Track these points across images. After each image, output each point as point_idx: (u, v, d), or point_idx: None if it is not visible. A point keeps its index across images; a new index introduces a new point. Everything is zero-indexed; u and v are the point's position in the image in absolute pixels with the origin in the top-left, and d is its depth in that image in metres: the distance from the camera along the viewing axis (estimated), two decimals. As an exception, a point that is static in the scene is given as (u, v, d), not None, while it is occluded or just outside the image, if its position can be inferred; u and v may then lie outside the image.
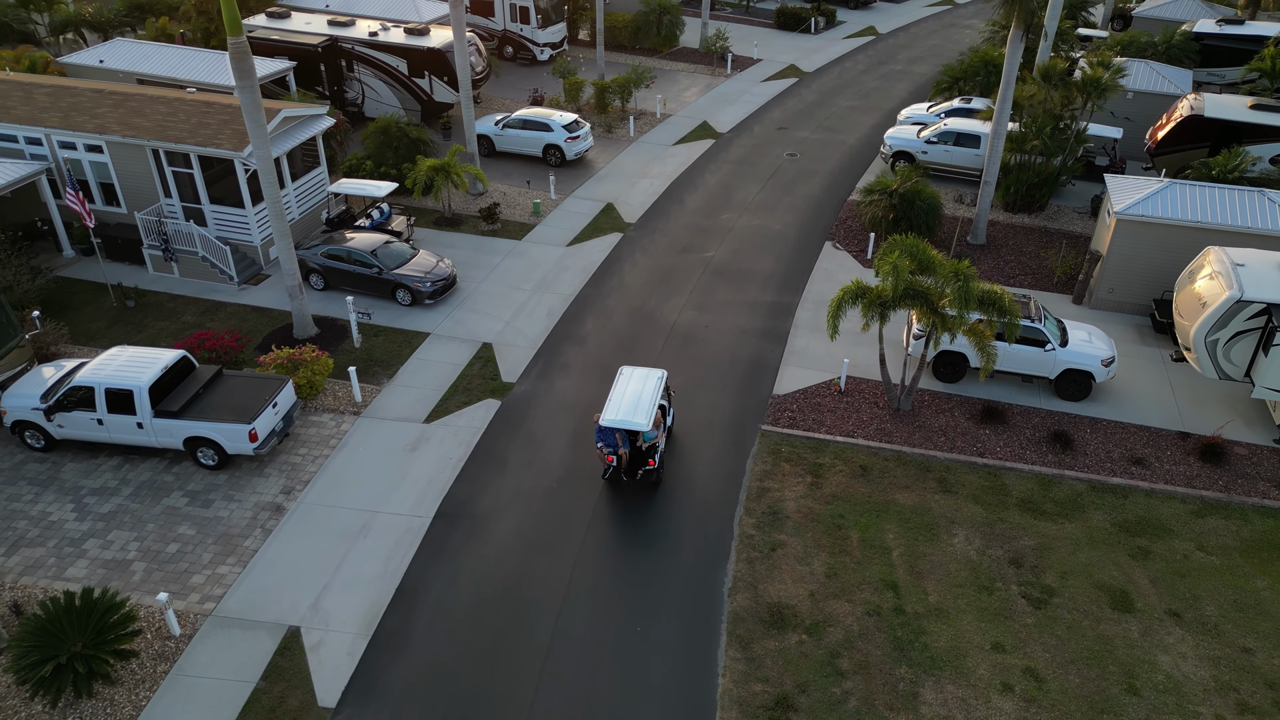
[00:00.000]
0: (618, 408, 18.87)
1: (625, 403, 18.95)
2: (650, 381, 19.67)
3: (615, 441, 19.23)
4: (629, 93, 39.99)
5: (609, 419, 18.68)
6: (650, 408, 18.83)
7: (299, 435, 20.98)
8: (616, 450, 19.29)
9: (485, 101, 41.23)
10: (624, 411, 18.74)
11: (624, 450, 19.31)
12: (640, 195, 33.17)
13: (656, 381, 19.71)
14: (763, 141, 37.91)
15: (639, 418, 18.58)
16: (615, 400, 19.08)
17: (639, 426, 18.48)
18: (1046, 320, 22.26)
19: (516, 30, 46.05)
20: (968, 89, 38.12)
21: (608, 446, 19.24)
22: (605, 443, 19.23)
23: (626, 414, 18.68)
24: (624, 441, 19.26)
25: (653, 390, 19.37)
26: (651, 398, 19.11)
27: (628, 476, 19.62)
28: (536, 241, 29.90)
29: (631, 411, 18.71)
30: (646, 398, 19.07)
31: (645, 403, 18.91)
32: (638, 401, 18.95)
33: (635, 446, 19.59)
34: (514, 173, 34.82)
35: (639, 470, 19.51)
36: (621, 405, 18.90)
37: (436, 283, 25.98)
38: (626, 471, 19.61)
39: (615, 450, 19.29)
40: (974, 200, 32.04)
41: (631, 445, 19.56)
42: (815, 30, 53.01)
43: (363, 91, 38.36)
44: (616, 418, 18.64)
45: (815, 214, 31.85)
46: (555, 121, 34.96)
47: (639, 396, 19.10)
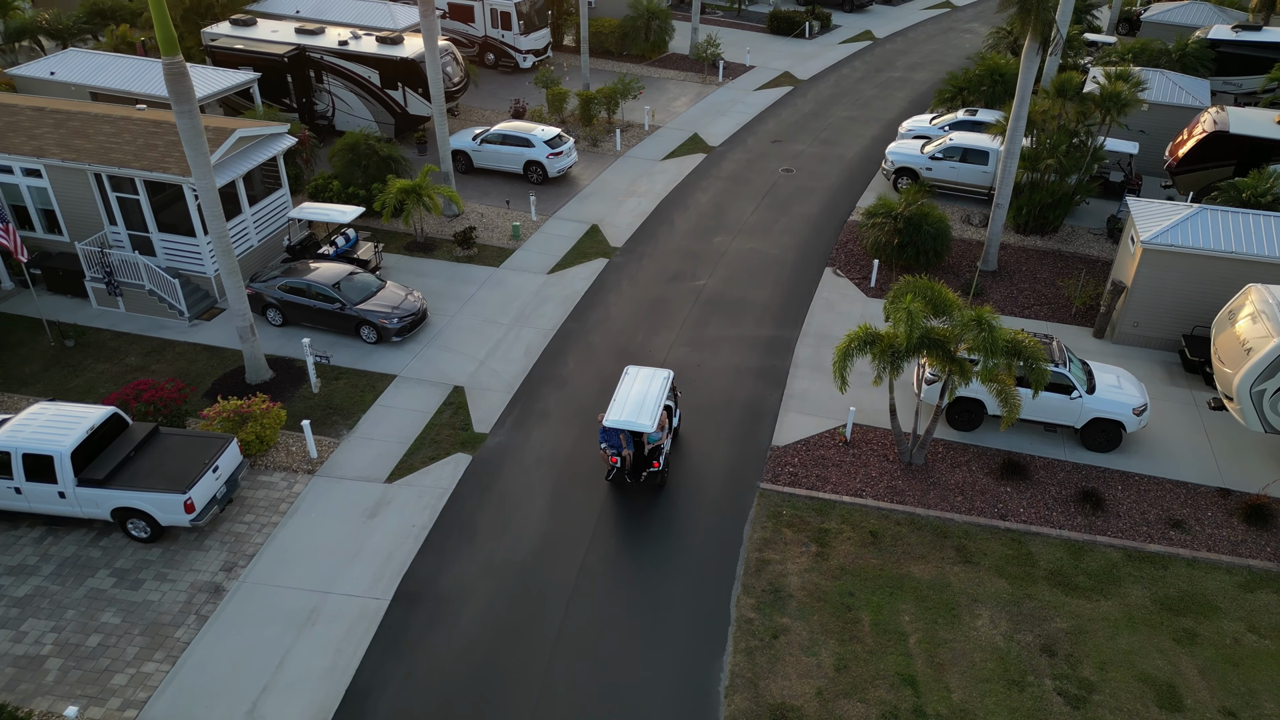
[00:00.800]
0: (622, 408, 18.43)
1: (630, 403, 18.55)
2: (656, 382, 19.22)
3: (619, 442, 18.84)
4: (615, 104, 37.92)
5: (612, 420, 18.19)
6: (655, 409, 18.39)
7: (245, 499, 18.85)
8: (620, 451, 18.89)
9: (464, 113, 39.10)
10: (628, 412, 18.31)
11: (628, 451, 18.89)
12: (627, 216, 31.10)
13: (662, 382, 19.26)
14: (756, 156, 35.88)
15: (643, 419, 18.12)
16: (620, 400, 18.68)
17: (643, 428, 18.00)
18: (1071, 364, 20.30)
19: (498, 37, 43.92)
20: (972, 99, 36.18)
21: (611, 447, 18.88)
22: (609, 444, 18.86)
23: (630, 415, 18.23)
24: (628, 443, 18.83)
25: (658, 391, 18.91)
26: (657, 398, 18.67)
27: (632, 478, 19.13)
28: (515, 268, 27.80)
29: (636, 412, 18.29)
30: (652, 398, 18.64)
31: (650, 404, 18.51)
32: (642, 402, 18.56)
33: (640, 448, 19.05)
34: (493, 191, 32.71)
35: (643, 472, 19.05)
36: (626, 406, 18.49)
37: (404, 319, 23.86)
38: (630, 473, 19.12)
39: (619, 451, 18.89)
40: (983, 221, 30.08)
41: (636, 446, 19.06)
42: (809, 35, 51.03)
43: (333, 104, 36.18)
44: (620, 418, 18.18)
45: (814, 236, 29.83)
46: (537, 136, 32.86)
47: (644, 397, 18.71)
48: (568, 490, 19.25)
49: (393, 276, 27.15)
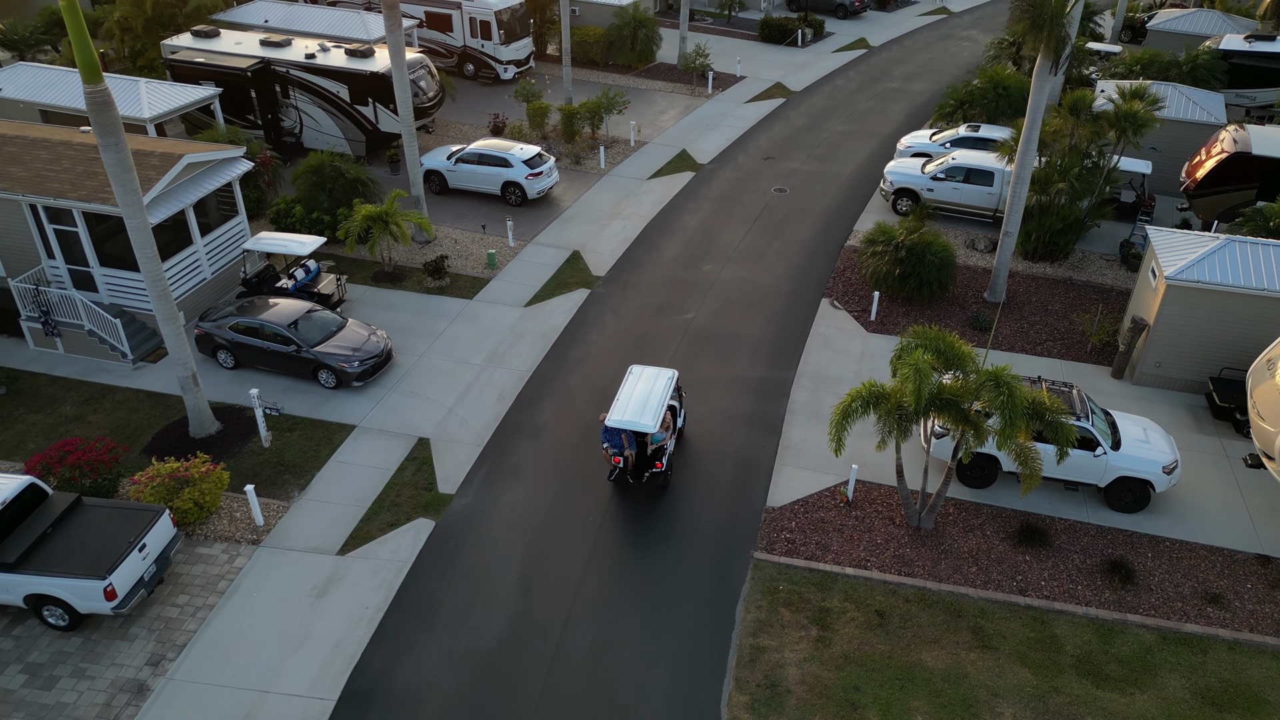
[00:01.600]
0: (624, 408, 18.23)
1: (633, 403, 18.37)
2: (660, 382, 19.06)
3: (621, 443, 18.66)
4: (599, 119, 36.07)
5: (615, 419, 18.01)
6: (658, 409, 18.22)
7: (180, 576, 16.92)
8: (623, 451, 18.69)
9: (440, 128, 37.20)
10: (631, 412, 18.12)
11: (630, 452, 18.71)
12: (611, 241, 29.25)
13: (666, 382, 19.09)
14: (748, 174, 34.07)
15: (646, 419, 17.92)
16: (623, 400, 18.50)
17: (645, 428, 17.84)
18: (1094, 415, 18.53)
19: (477, 47, 42.01)
20: (974, 114, 34.45)
21: (613, 448, 18.72)
22: (611, 444, 18.71)
23: (633, 415, 18.04)
24: (630, 443, 18.66)
25: (662, 391, 18.74)
26: (660, 399, 18.50)
27: (634, 479, 18.93)
28: (490, 301, 25.91)
29: (639, 412, 18.10)
30: (655, 399, 18.47)
31: (653, 404, 18.33)
32: (645, 402, 18.38)
33: (643, 449, 18.94)
34: (468, 214, 30.82)
35: (645, 473, 18.82)
36: (629, 406, 18.31)
37: (366, 361, 21.94)
38: (633, 474, 18.93)
39: (621, 451, 18.69)
40: (989, 246, 28.32)
41: (639, 447, 18.92)
42: (802, 43, 49.25)
43: (300, 120, 34.23)
44: (623, 418, 18.00)
45: (809, 263, 28.02)
46: (515, 156, 30.97)
47: (647, 397, 18.52)
48: (541, 562, 17.38)
49: (358, 309, 25.25)
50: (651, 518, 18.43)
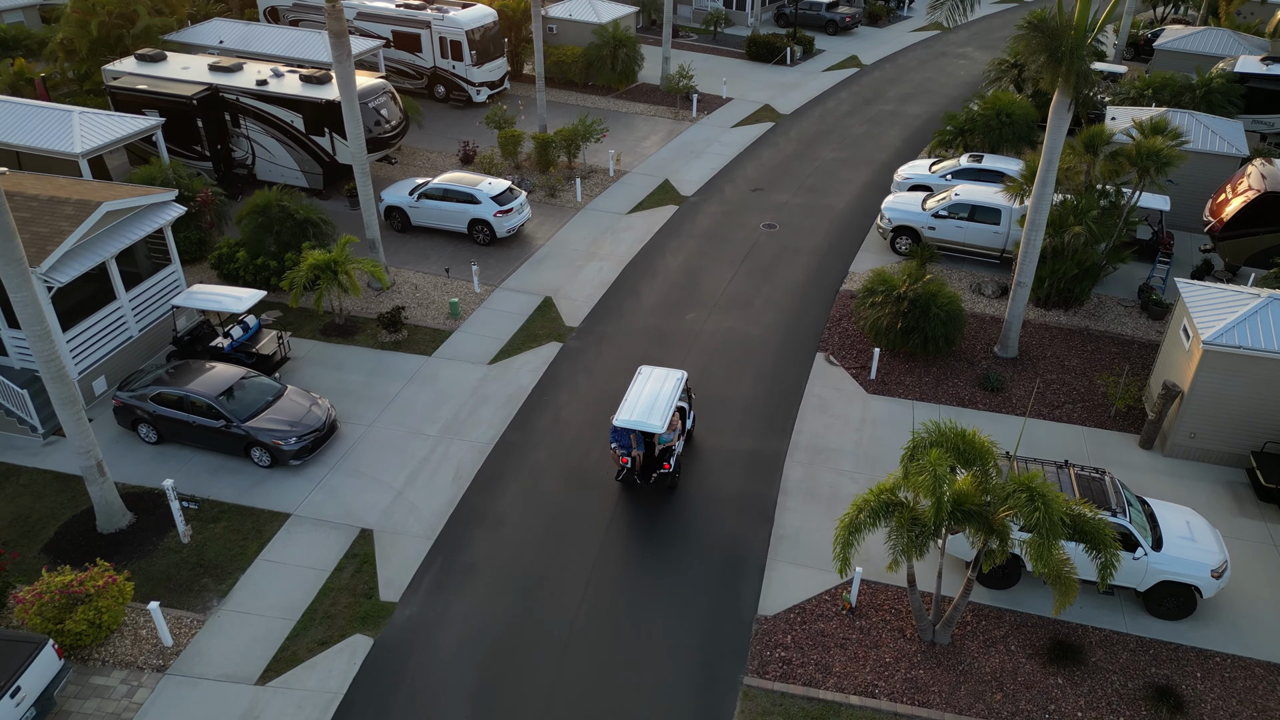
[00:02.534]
0: (633, 408, 18.26)
1: (641, 403, 18.37)
2: (669, 382, 19.03)
3: (629, 443, 18.64)
4: (576, 147, 33.74)
5: (623, 419, 18.01)
6: (667, 410, 18.20)
7: (69, 715, 14.40)
8: (630, 452, 18.62)
9: (406, 157, 34.76)
10: (639, 412, 18.11)
11: (638, 452, 18.66)
12: (586, 285, 26.85)
13: (675, 382, 19.05)
14: (735, 207, 31.76)
15: (654, 419, 17.91)
16: (631, 400, 18.54)
17: (653, 428, 17.80)
18: (1132, 508, 16.24)
19: (448, 68, 39.63)
20: (975, 143, 32.29)
21: (622, 448, 18.64)
22: (619, 443, 18.66)
23: (642, 415, 18.03)
24: (638, 443, 18.68)
25: (671, 391, 18.72)
26: (669, 399, 18.48)
27: (641, 479, 18.88)
28: (451, 357, 23.46)
29: (647, 413, 18.08)
30: (664, 399, 18.45)
31: (662, 404, 18.32)
32: (654, 402, 18.36)
33: (651, 449, 18.99)
34: (432, 254, 28.38)
35: (653, 473, 18.76)
36: (637, 406, 18.32)
37: (306, 437, 19.45)
38: (640, 474, 18.88)
39: (629, 452, 18.62)
40: (997, 291, 26.06)
41: (646, 447, 19.01)
42: (791, 62, 47.08)
43: (252, 151, 31.75)
44: (631, 418, 17.99)
45: (802, 311, 25.69)
46: (483, 191, 28.54)
47: (655, 397, 18.50)
48: (498, 692, 14.91)
49: (303, 369, 22.77)
50: (628, 633, 16.01)
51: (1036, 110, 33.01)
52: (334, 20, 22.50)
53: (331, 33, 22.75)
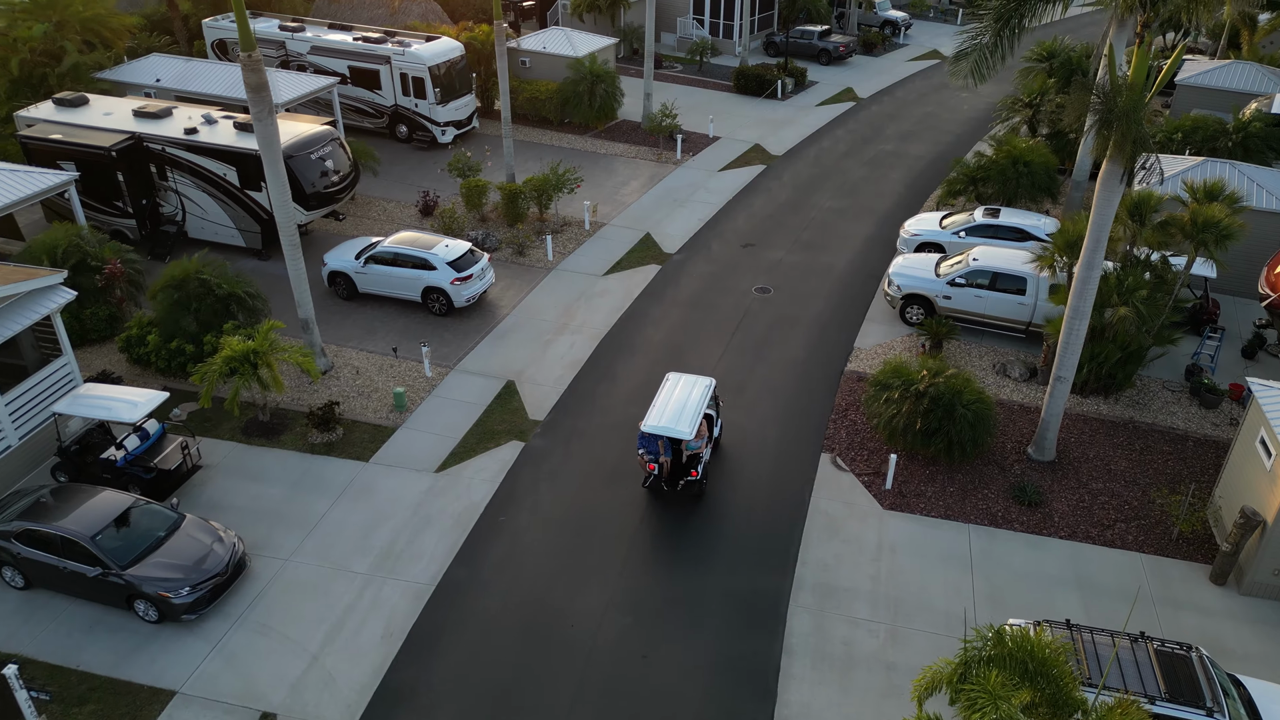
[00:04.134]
0: (661, 414, 18.22)
1: (669, 410, 18.32)
2: (697, 389, 18.97)
3: (657, 449, 18.54)
4: (548, 198, 30.43)
5: (650, 425, 18.00)
6: (695, 417, 18.15)
7: None
8: (658, 458, 18.53)
9: (360, 207, 31.35)
10: (667, 419, 18.10)
11: (665, 459, 18.57)
12: (555, 366, 23.46)
13: (704, 389, 18.99)
14: (724, 267, 28.46)
15: (682, 426, 17.89)
16: (659, 406, 18.47)
17: (681, 435, 17.79)
18: (1230, 699, 12.91)
19: (410, 106, 36.29)
20: (989, 193, 29.14)
21: (649, 454, 18.57)
22: (647, 450, 18.58)
23: (670, 421, 18.02)
24: (666, 449, 18.54)
25: (699, 399, 18.65)
26: (697, 406, 18.43)
27: (668, 486, 18.76)
28: (392, 463, 20.00)
29: (675, 419, 18.04)
30: (692, 406, 18.41)
31: (690, 411, 18.25)
32: (682, 409, 18.30)
33: (678, 456, 18.88)
34: (380, 327, 24.95)
35: (680, 481, 18.58)
36: (665, 412, 18.27)
37: (203, 585, 15.90)
38: (668, 481, 18.75)
39: (657, 458, 18.53)
40: (1025, 372, 22.78)
41: (674, 454, 18.87)
42: (782, 95, 43.94)
43: (182, 206, 28.30)
44: (659, 424, 17.99)
45: (801, 397, 22.35)
46: (439, 256, 25.13)
47: (684, 404, 18.46)
48: None
49: (216, 479, 19.26)
50: None
51: (1055, 156, 29.93)
52: (251, 72, 19.11)
53: (249, 86, 19.34)
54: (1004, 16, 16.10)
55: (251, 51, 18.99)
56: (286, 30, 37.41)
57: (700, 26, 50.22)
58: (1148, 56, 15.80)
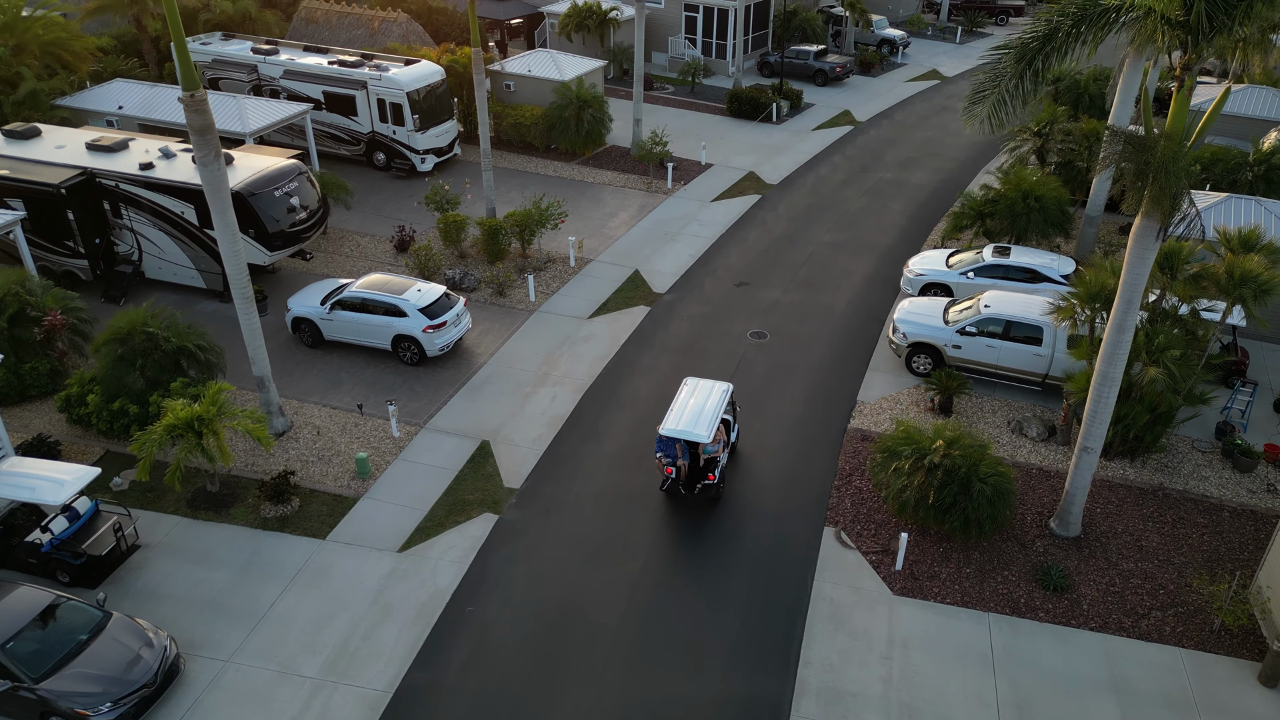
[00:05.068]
0: (679, 418, 18.39)
1: (687, 414, 18.49)
2: (715, 394, 19.15)
3: (675, 453, 18.70)
4: (531, 233, 28.70)
5: (669, 429, 18.16)
6: (712, 420, 18.32)
7: None
8: (676, 462, 18.69)
9: (331, 242, 29.52)
10: (685, 422, 18.25)
11: (683, 462, 18.75)
12: (535, 423, 21.67)
13: (721, 394, 19.18)
14: (717, 308, 26.72)
15: (700, 429, 18.04)
16: (677, 410, 18.65)
17: (699, 438, 17.93)
18: None
19: (387, 133, 34.56)
20: (998, 229, 27.48)
21: (667, 457, 18.73)
22: (665, 453, 18.76)
23: (688, 425, 18.18)
24: (684, 453, 18.74)
25: (716, 403, 18.84)
26: (715, 410, 18.60)
27: (686, 490, 18.82)
28: (350, 540, 18.15)
29: (693, 423, 18.20)
30: (709, 410, 18.58)
31: (708, 415, 18.43)
32: (700, 413, 18.48)
33: (695, 459, 19.01)
34: (346, 379, 23.14)
35: (698, 484, 18.63)
36: (683, 416, 18.43)
37: (127, 699, 14.03)
38: (685, 485, 18.83)
39: (674, 462, 18.70)
40: (1043, 431, 21.02)
41: (692, 457, 19.01)
42: (777, 119, 42.34)
43: (139, 246, 26.50)
44: (677, 428, 18.13)
45: (802, 460, 20.53)
46: (410, 302, 23.33)
47: (701, 408, 18.64)
48: None
49: (155, 560, 17.39)
50: None
51: (1066, 189, 28.31)
52: (195, 113, 17.28)
53: (193, 128, 17.50)
54: (1028, 55, 14.42)
55: (194, 91, 17.21)
56: (259, 53, 35.70)
57: (692, 46, 48.63)
58: (1187, 103, 14.17)
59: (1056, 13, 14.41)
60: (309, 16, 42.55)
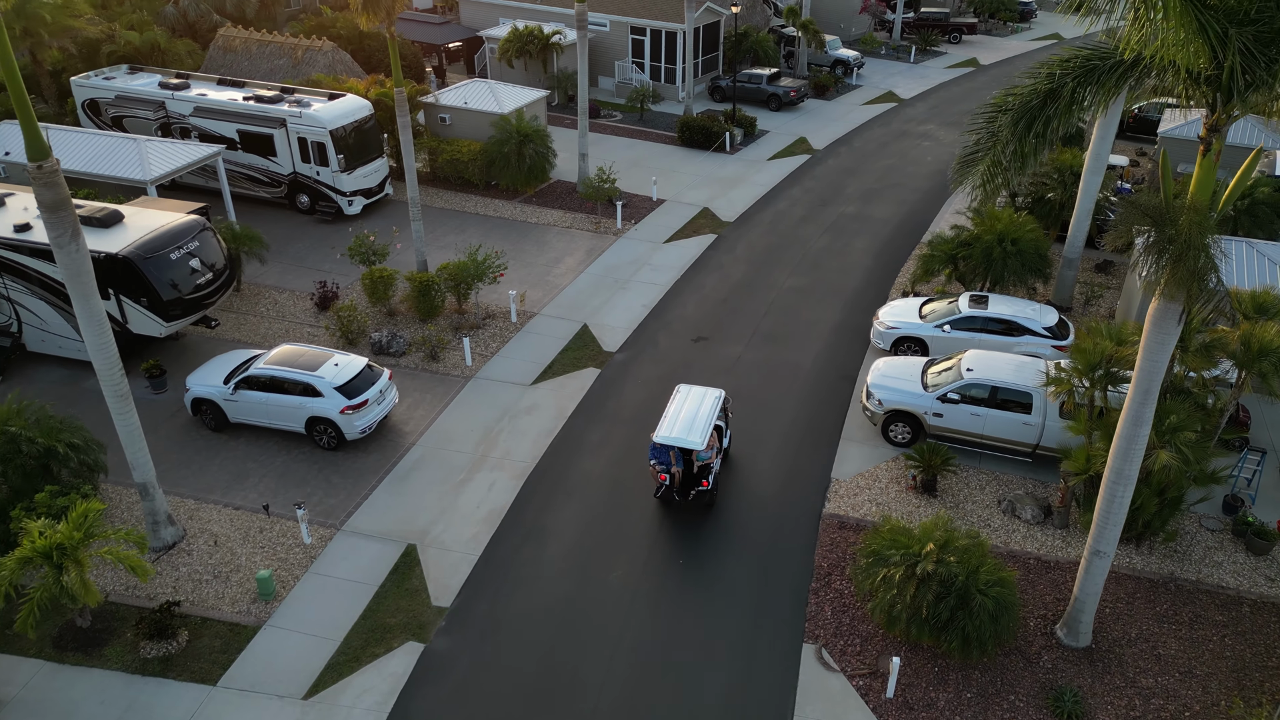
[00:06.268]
0: (672, 425, 18.40)
1: (680, 421, 18.51)
2: (708, 401, 19.13)
3: (668, 459, 18.60)
4: (468, 288, 26.09)
5: (662, 436, 18.14)
6: (705, 427, 18.32)
7: None
8: (669, 468, 18.63)
9: (245, 300, 26.55)
10: (679, 429, 18.25)
11: (677, 469, 18.66)
12: (468, 519, 18.99)
13: (714, 401, 19.16)
14: (673, 368, 24.31)
15: (693, 436, 18.05)
16: (670, 417, 18.66)
17: (693, 445, 17.94)
18: None
19: (311, 174, 31.69)
20: (971, 274, 25.49)
21: (660, 464, 18.66)
22: (658, 460, 18.66)
23: (681, 432, 18.17)
24: (677, 460, 18.63)
25: (709, 409, 18.84)
26: (708, 417, 18.62)
27: (680, 496, 18.85)
28: (247, 686, 15.31)
29: (686, 430, 18.24)
30: (703, 417, 18.60)
31: (701, 422, 18.45)
32: (693, 420, 18.50)
33: (689, 466, 18.80)
34: (254, 469, 20.28)
35: (691, 490, 18.70)
36: (676, 423, 18.47)
37: None
38: (679, 491, 18.80)
39: (668, 468, 18.63)
40: (1037, 514, 18.90)
41: (685, 464, 18.87)
42: (731, 148, 40.24)
43: (17, 315, 23.37)
44: (670, 435, 18.14)
45: (775, 557, 18.08)
46: (326, 379, 20.55)
47: (695, 415, 18.65)
48: None
49: (11, 717, 14.50)
50: None
51: (1042, 227, 26.49)
52: (45, 187, 14.42)
53: (43, 204, 14.56)
54: (1027, 118, 12.30)
55: (43, 161, 14.35)
56: (168, 88, 32.62)
57: (640, 71, 46.38)
58: (1214, 168, 12.15)
59: (1058, 66, 12.32)
60: (227, 45, 39.45)
